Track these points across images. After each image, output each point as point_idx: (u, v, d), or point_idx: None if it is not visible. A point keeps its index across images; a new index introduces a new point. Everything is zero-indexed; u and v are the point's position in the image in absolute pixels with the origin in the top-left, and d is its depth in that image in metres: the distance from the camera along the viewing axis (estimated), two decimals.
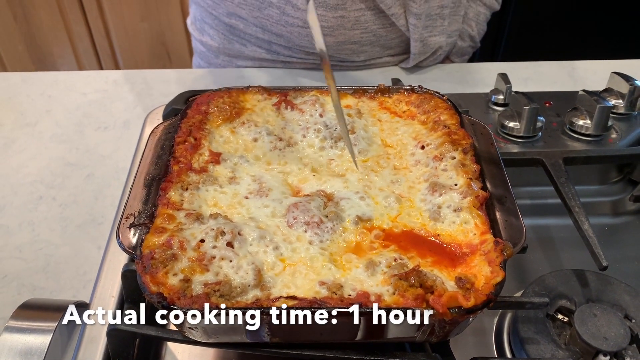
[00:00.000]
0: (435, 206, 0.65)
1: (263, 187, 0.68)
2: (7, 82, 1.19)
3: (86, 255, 0.83)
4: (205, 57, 1.31)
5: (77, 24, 2.45)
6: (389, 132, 0.77)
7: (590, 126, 0.92)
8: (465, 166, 0.67)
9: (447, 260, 0.59)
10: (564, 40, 2.16)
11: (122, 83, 1.18)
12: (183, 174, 0.67)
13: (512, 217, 0.63)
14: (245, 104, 0.80)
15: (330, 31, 1.12)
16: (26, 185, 0.94)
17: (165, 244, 0.57)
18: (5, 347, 0.64)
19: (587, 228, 0.75)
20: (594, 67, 1.23)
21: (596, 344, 0.66)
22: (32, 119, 1.09)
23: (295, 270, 0.58)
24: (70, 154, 1.01)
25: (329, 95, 0.81)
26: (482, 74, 1.21)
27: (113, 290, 0.72)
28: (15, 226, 0.87)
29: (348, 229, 0.63)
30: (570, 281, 0.74)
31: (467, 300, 0.53)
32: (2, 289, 0.78)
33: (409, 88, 0.81)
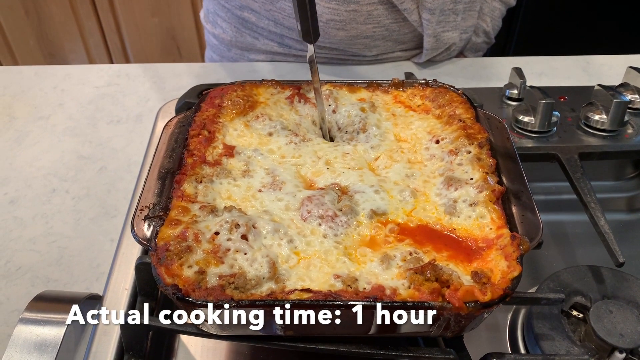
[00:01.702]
0: (450, 200, 0.64)
1: (276, 180, 0.68)
2: (20, 75, 1.19)
3: (99, 248, 0.83)
4: (217, 50, 1.31)
5: (88, 18, 2.46)
6: (403, 126, 0.76)
7: (606, 121, 0.91)
8: (481, 160, 0.67)
9: (463, 255, 0.59)
10: (577, 34, 2.13)
11: (134, 77, 1.18)
12: (197, 167, 0.67)
13: (528, 212, 0.62)
14: (259, 97, 0.79)
15: (343, 25, 1.11)
16: (40, 178, 0.95)
17: (180, 236, 0.57)
18: (20, 338, 0.65)
19: (603, 224, 0.74)
20: (610, 61, 1.22)
21: (612, 341, 0.65)
22: (45, 112, 1.09)
23: (310, 263, 0.58)
24: (83, 147, 1.01)
25: (342, 89, 0.81)
26: (495, 69, 1.20)
27: (126, 283, 0.72)
28: (29, 219, 0.88)
29: (362, 223, 0.63)
30: (585, 277, 0.74)
31: (484, 295, 0.53)
32: (17, 281, 0.79)
33: (423, 82, 0.80)
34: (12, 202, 0.90)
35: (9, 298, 0.77)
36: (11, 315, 0.75)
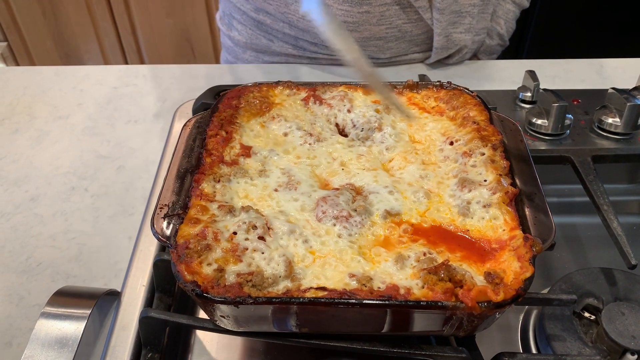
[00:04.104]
0: (464, 202, 0.65)
1: (292, 180, 0.69)
2: (40, 75, 1.21)
3: (117, 245, 0.85)
4: (232, 52, 1.32)
5: (104, 20, 2.50)
6: (417, 127, 0.77)
7: (619, 124, 0.91)
8: (495, 162, 0.68)
9: (476, 256, 0.60)
10: (590, 37, 2.13)
11: (152, 78, 1.20)
12: (215, 166, 0.68)
13: (541, 214, 0.63)
14: (275, 98, 0.81)
15: (355, 27, 1.12)
16: (59, 177, 0.97)
17: (200, 235, 0.59)
18: (42, 332, 0.66)
19: (615, 226, 0.75)
20: (623, 65, 1.22)
21: (624, 343, 0.65)
22: (64, 112, 1.11)
23: (325, 262, 0.59)
24: (102, 147, 1.03)
25: (357, 91, 0.82)
26: (508, 72, 1.20)
27: (144, 280, 0.74)
28: (49, 216, 0.90)
29: (377, 223, 0.64)
30: (597, 279, 0.74)
31: (497, 295, 0.53)
32: (37, 276, 0.81)
33: (437, 84, 0.81)
34: (33, 200, 0.93)
35: (30, 292, 0.79)
36: (32, 309, 0.77)
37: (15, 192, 0.94)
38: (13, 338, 0.74)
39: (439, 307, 0.53)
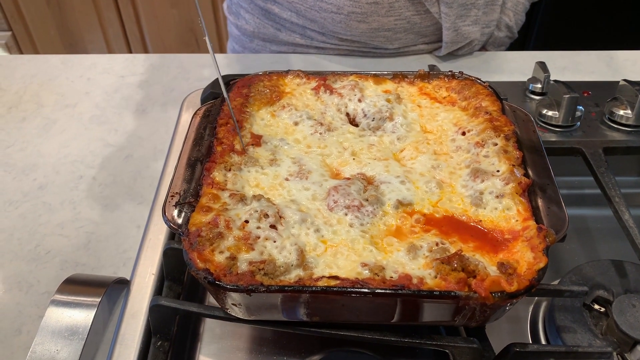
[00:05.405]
0: (477, 192, 0.65)
1: (303, 169, 0.69)
2: (47, 64, 1.21)
3: (126, 234, 0.85)
4: (240, 41, 1.32)
5: (108, 9, 2.49)
6: (428, 117, 0.77)
7: (631, 116, 0.91)
8: (508, 153, 0.67)
9: (489, 246, 0.60)
10: (598, 28, 2.11)
11: (159, 67, 1.19)
12: (226, 155, 0.68)
13: (554, 205, 0.63)
14: (285, 87, 0.80)
15: (364, 17, 1.12)
16: (67, 165, 0.97)
17: (212, 223, 0.58)
18: (52, 320, 0.66)
19: (627, 218, 0.74)
20: (633, 57, 1.21)
21: (635, 335, 0.65)
22: (72, 101, 1.11)
23: (337, 251, 0.59)
24: (110, 135, 1.03)
25: (368, 80, 0.81)
26: (517, 63, 1.20)
27: (153, 268, 0.74)
28: (58, 204, 0.90)
29: (388, 213, 0.64)
30: (608, 271, 0.74)
31: (510, 285, 0.53)
32: (46, 264, 0.81)
33: (449, 74, 0.81)
34: (41, 188, 0.92)
35: (39, 280, 0.79)
36: (42, 297, 0.77)
37: (23, 180, 0.94)
38: (22, 325, 0.74)
39: (452, 297, 0.53)
